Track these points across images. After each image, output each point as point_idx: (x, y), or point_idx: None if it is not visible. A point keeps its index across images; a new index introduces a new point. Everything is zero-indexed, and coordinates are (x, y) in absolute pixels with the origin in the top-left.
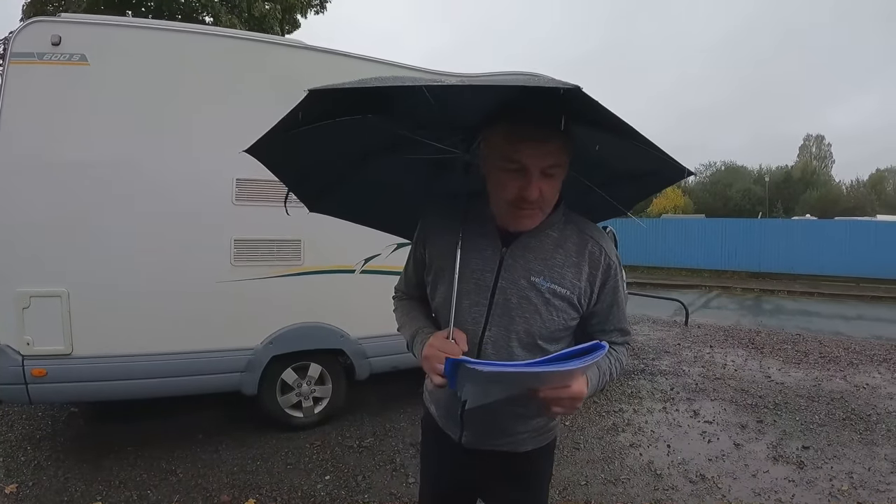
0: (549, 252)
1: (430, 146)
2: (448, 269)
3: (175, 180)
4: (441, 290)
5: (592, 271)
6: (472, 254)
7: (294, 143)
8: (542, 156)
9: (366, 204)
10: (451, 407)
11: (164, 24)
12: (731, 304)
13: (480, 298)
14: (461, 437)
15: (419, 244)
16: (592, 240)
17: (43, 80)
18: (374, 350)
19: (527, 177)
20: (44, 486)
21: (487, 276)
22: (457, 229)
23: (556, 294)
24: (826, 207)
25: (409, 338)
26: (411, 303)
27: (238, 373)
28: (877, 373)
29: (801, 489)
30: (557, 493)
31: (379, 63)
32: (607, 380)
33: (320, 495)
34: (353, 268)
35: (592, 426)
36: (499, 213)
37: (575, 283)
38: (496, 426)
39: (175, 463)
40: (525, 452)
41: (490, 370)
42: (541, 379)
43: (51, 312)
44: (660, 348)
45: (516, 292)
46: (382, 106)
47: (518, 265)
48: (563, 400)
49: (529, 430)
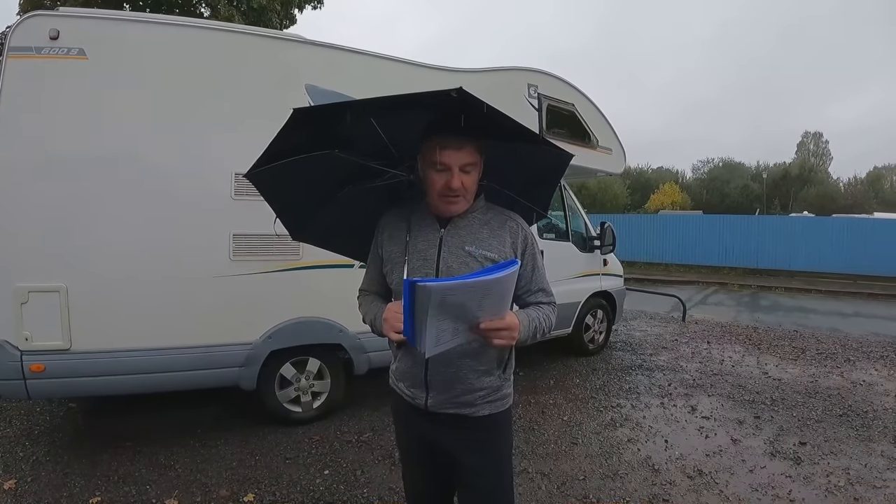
0: (477, 228)
1: (384, 172)
2: (401, 253)
3: (174, 175)
4: (396, 273)
5: (513, 240)
6: (418, 238)
7: (278, 174)
8: (460, 157)
9: (335, 232)
10: (415, 374)
11: (162, 18)
12: (729, 300)
13: (428, 270)
14: (427, 400)
15: (377, 243)
16: (511, 218)
17: (41, 74)
18: (373, 345)
19: (450, 172)
20: (42, 481)
21: (431, 251)
22: (405, 222)
23: (487, 258)
24: (824, 204)
25: (372, 319)
26: (372, 296)
27: (237, 367)
28: (873, 369)
29: (797, 485)
30: (556, 487)
31: (377, 57)
32: (537, 326)
33: (319, 490)
34: (351, 262)
35: (590, 421)
36: (433, 205)
37: (501, 248)
38: (456, 379)
39: (174, 458)
40: (483, 417)
41: (438, 284)
42: (481, 291)
43: (49, 307)
44: (657, 344)
45: (455, 260)
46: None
47: (454, 240)
48: (501, 332)
49: (484, 389)
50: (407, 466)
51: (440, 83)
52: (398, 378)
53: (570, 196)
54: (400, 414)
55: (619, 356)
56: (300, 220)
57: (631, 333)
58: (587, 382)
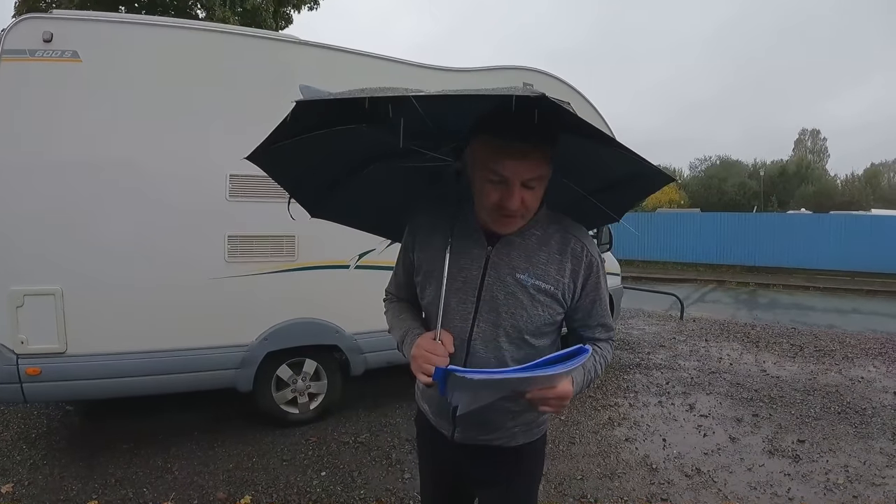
0: (533, 250)
1: (423, 155)
2: (437, 269)
3: (168, 176)
4: (430, 290)
5: (575, 267)
6: (460, 253)
7: (292, 150)
8: (524, 169)
9: (362, 209)
10: (442, 406)
11: (157, 20)
12: (727, 298)
13: (468, 296)
14: (453, 433)
15: (408, 247)
16: (575, 238)
17: (35, 77)
18: (370, 345)
19: (509, 188)
20: (39, 485)
21: (474, 274)
22: (446, 231)
23: (541, 290)
24: (821, 202)
25: (399, 339)
26: (401, 304)
27: (233, 369)
28: (872, 366)
29: (796, 483)
30: (553, 487)
31: (372, 58)
32: (592, 377)
33: (316, 491)
34: (347, 263)
35: (588, 420)
36: (482, 217)
37: (558, 279)
38: (487, 422)
39: (171, 461)
40: (516, 447)
41: (479, 377)
42: (528, 383)
43: (45, 311)
44: (655, 342)
45: (502, 289)
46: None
47: (503, 263)
48: (549, 400)
49: (520, 425)
50: (425, 486)
51: (436, 84)
52: (423, 399)
53: None
54: (423, 433)
55: (616, 355)
56: (318, 196)
57: (629, 332)
58: None
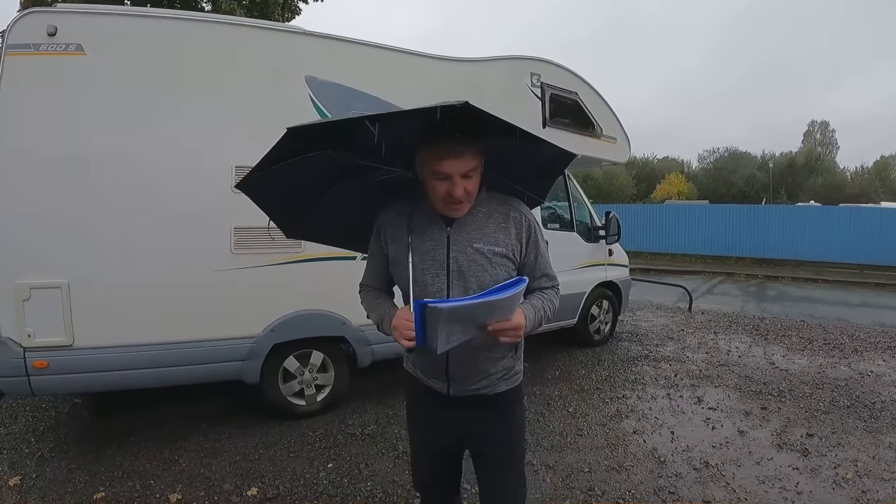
0: (482, 223)
1: (380, 169)
2: (404, 252)
3: (174, 168)
4: (405, 273)
5: (518, 231)
6: (425, 238)
7: (270, 179)
8: (460, 165)
9: (331, 227)
10: (436, 365)
11: (161, 12)
12: (735, 290)
13: (439, 270)
14: (448, 390)
15: (380, 241)
16: (514, 208)
17: (40, 71)
18: (377, 337)
19: (452, 181)
20: (47, 477)
21: (440, 251)
22: (405, 223)
23: (496, 253)
24: (830, 194)
25: (378, 319)
26: (376, 293)
27: (240, 361)
28: (881, 360)
29: (805, 477)
30: (561, 479)
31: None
32: (542, 316)
33: (323, 483)
34: (354, 255)
35: (595, 413)
36: (437, 207)
37: (507, 241)
38: (476, 372)
39: (178, 452)
40: (500, 394)
41: (447, 306)
42: (489, 310)
43: (51, 304)
44: (663, 334)
45: (465, 258)
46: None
47: (461, 238)
48: (507, 331)
49: (500, 371)
50: (417, 451)
51: (442, 72)
52: (416, 366)
53: (574, 186)
54: (415, 398)
55: (624, 347)
56: (292, 219)
57: (637, 324)
58: (592, 373)
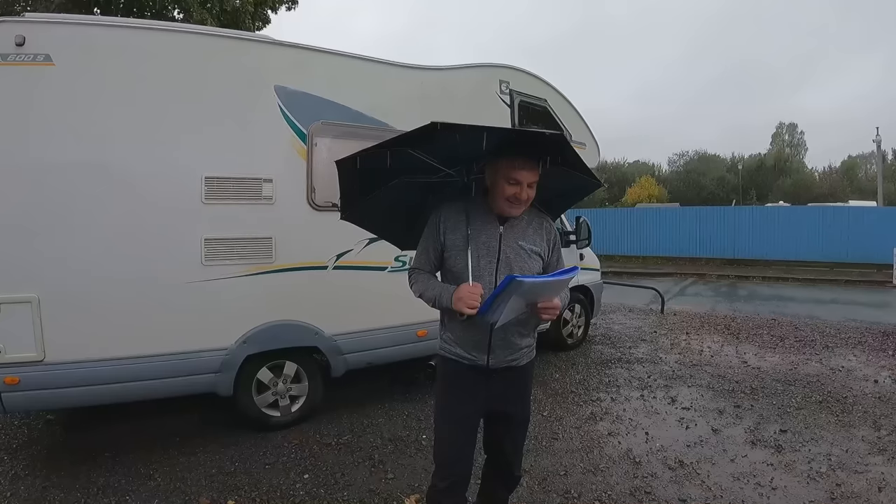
0: (525, 228)
1: (438, 170)
2: (463, 241)
3: (144, 180)
4: (461, 258)
5: (548, 237)
6: (482, 231)
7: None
8: (530, 176)
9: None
10: (478, 341)
11: (131, 22)
12: (707, 290)
13: (492, 258)
14: (488, 361)
15: (438, 231)
16: (546, 219)
17: (7, 81)
18: (350, 346)
19: (521, 187)
20: (21, 496)
21: (493, 243)
22: (464, 218)
23: (533, 251)
24: (799, 194)
25: (437, 293)
26: (427, 275)
27: (213, 373)
28: (852, 355)
29: (779, 472)
30: (537, 483)
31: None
32: (565, 304)
33: (299, 494)
34: (325, 264)
35: (570, 416)
36: (496, 206)
37: (541, 244)
38: (510, 345)
39: (153, 467)
40: (524, 365)
41: (530, 280)
42: (552, 286)
43: (22, 319)
44: (636, 336)
45: (512, 251)
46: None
47: (511, 235)
48: (550, 309)
49: (525, 347)
50: (446, 423)
51: (413, 81)
52: (456, 343)
53: None
54: (454, 374)
55: (598, 350)
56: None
57: (610, 327)
58: (566, 377)
